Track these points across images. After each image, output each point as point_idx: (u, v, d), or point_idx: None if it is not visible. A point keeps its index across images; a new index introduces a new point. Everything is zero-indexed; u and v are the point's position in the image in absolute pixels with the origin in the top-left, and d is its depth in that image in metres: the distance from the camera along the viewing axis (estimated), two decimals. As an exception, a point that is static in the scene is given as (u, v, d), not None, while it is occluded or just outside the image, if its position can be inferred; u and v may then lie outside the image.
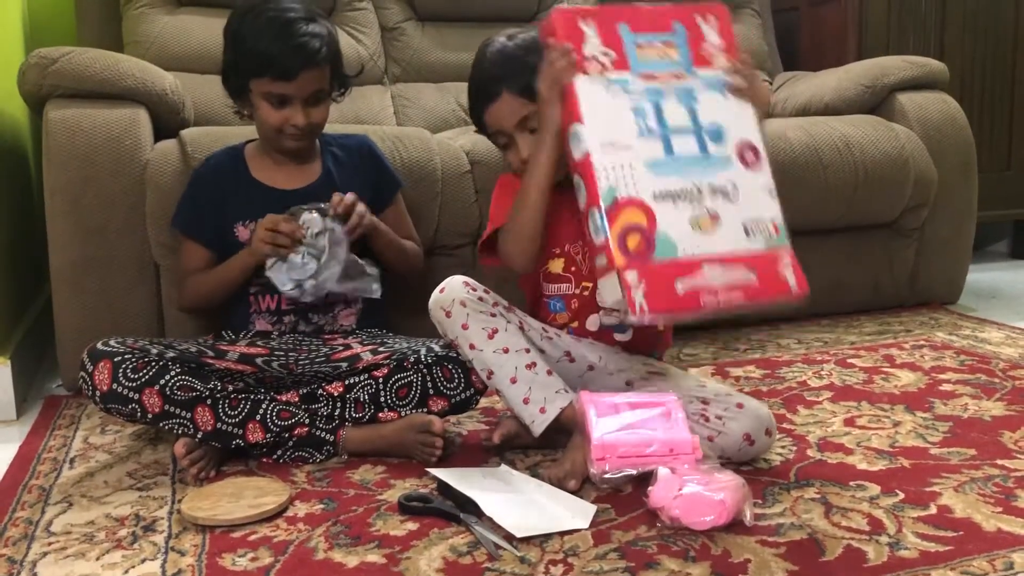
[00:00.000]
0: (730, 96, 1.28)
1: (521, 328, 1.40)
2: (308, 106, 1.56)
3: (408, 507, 1.19)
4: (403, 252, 1.68)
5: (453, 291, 1.39)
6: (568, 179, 1.42)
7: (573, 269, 1.46)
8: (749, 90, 1.29)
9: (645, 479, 1.23)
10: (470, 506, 1.17)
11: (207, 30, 2.38)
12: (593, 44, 1.22)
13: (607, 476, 1.23)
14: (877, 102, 2.39)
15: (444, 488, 1.22)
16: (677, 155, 1.23)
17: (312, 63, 1.52)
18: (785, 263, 1.25)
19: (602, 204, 1.18)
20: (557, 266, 1.47)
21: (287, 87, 1.53)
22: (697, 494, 1.15)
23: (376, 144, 1.77)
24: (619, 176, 1.19)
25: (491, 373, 1.37)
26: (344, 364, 1.47)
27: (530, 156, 1.35)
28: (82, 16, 2.44)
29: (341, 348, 1.52)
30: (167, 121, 1.91)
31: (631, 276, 1.16)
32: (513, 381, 1.36)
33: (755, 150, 1.28)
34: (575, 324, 1.47)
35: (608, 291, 1.20)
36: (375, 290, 1.55)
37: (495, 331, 1.37)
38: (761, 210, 1.26)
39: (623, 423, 1.26)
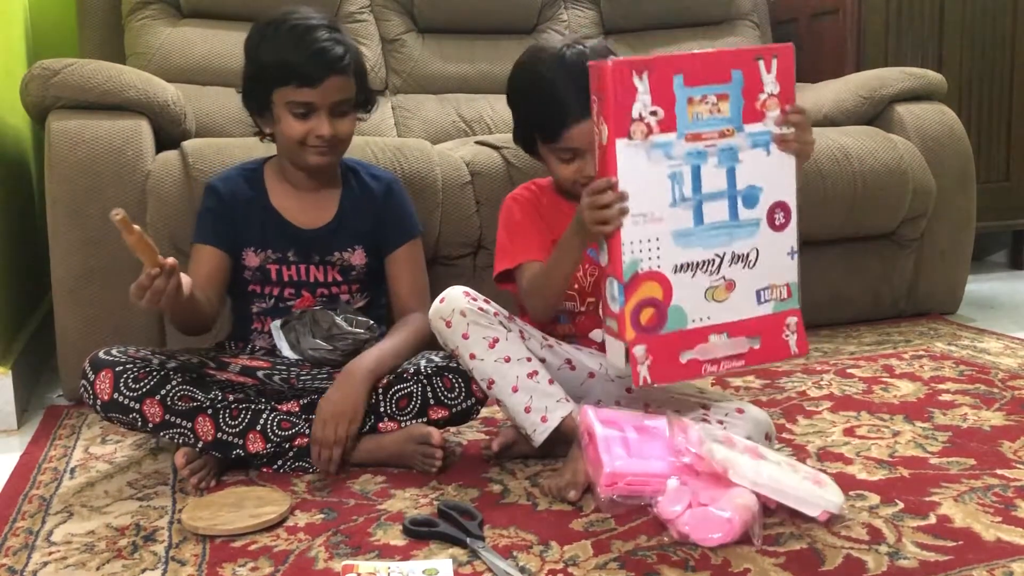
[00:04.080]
0: (775, 151, 1.23)
1: (521, 337, 1.40)
2: (333, 117, 1.49)
3: (413, 531, 1.19)
4: (413, 350, 1.52)
5: (453, 301, 1.39)
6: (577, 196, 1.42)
7: (577, 287, 1.46)
8: (795, 144, 1.24)
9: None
10: (475, 530, 1.17)
11: (209, 42, 2.40)
12: (643, 102, 1.15)
13: (614, 500, 1.23)
14: (875, 113, 2.40)
15: (445, 513, 1.22)
16: (706, 224, 1.21)
17: (336, 69, 1.47)
18: (789, 326, 1.27)
19: (623, 277, 1.17)
20: None
21: (311, 94, 1.47)
22: (706, 511, 1.15)
23: (403, 190, 1.67)
24: (644, 249, 1.18)
25: (492, 383, 1.38)
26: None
27: (561, 253, 1.32)
28: (84, 28, 2.45)
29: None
30: (169, 132, 1.92)
31: (639, 351, 1.19)
32: (514, 390, 1.36)
33: (787, 210, 1.26)
34: (579, 337, 1.48)
35: (615, 354, 1.22)
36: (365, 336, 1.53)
37: (496, 340, 1.37)
38: (777, 275, 1.26)
39: (632, 449, 1.26)
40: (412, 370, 1.46)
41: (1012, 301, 2.63)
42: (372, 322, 1.54)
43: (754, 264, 1.24)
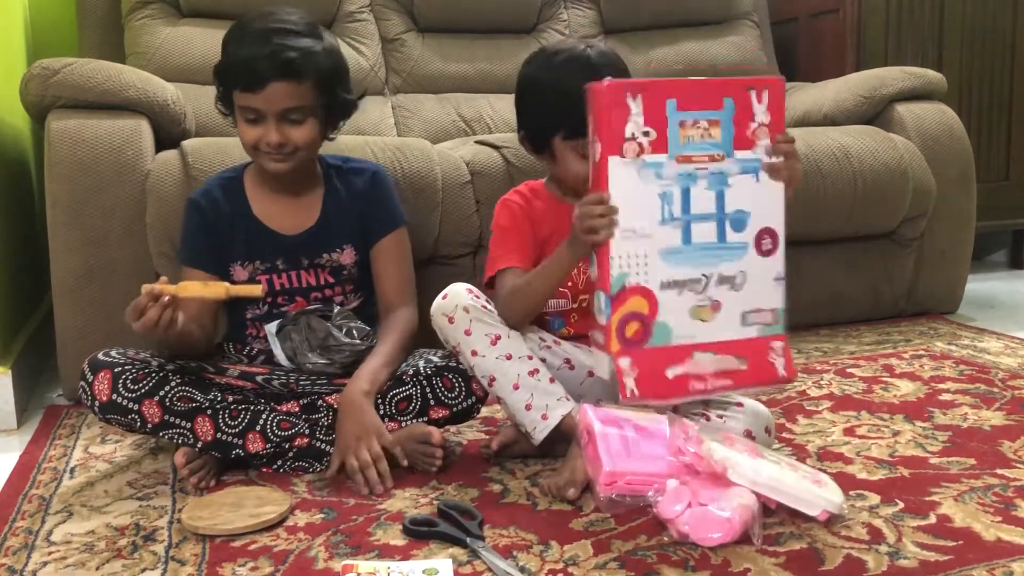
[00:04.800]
0: (764, 178, 1.26)
1: (522, 336, 1.40)
2: (284, 124, 1.43)
3: (413, 531, 1.19)
4: (404, 353, 1.51)
5: (456, 297, 1.39)
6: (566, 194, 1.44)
7: (569, 284, 1.46)
8: (784, 172, 1.26)
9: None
10: (475, 530, 1.17)
11: (209, 41, 2.39)
12: (636, 123, 1.19)
13: (613, 499, 1.23)
14: (875, 113, 2.40)
15: (445, 512, 1.22)
16: (694, 243, 1.24)
17: (282, 74, 1.40)
18: (776, 350, 1.29)
19: (611, 290, 1.20)
20: None
21: (255, 100, 1.41)
22: (705, 510, 1.14)
23: (386, 179, 1.63)
24: (632, 264, 1.21)
25: (493, 380, 1.38)
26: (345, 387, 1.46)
27: (552, 262, 1.34)
28: (84, 27, 2.45)
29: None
30: (168, 132, 1.92)
31: (624, 363, 1.21)
32: (515, 387, 1.36)
33: (774, 236, 1.28)
34: (578, 336, 1.48)
35: (601, 367, 1.25)
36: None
37: (498, 337, 1.37)
38: (764, 299, 1.28)
39: (631, 448, 1.26)
40: (411, 372, 1.46)
41: (1012, 301, 2.63)
42: (368, 328, 1.52)
43: (741, 287, 1.26)
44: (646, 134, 1.20)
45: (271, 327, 1.52)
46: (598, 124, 1.21)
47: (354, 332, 1.50)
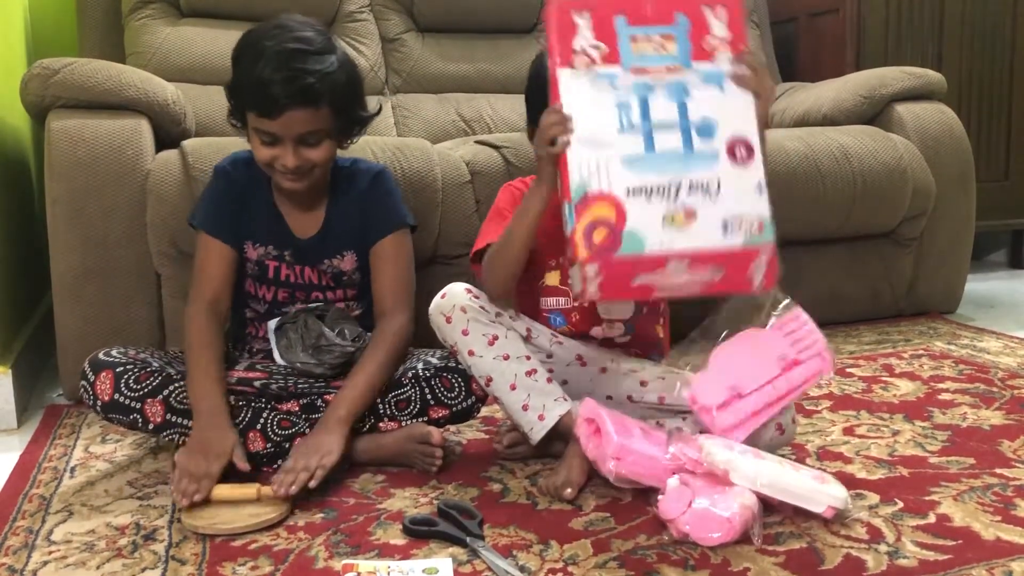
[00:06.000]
0: (730, 89, 1.23)
1: (528, 334, 1.41)
2: (302, 146, 1.41)
3: (413, 530, 1.19)
4: (392, 369, 1.47)
5: (454, 297, 1.39)
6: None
7: (570, 281, 1.46)
8: (753, 80, 1.24)
9: (647, 488, 1.24)
10: (475, 529, 1.18)
11: (209, 41, 2.40)
12: (585, 37, 1.20)
13: (623, 474, 1.23)
14: (875, 113, 2.40)
15: (445, 512, 1.22)
16: (658, 151, 1.21)
17: (300, 102, 1.37)
18: (759, 261, 1.23)
19: (572, 198, 1.18)
20: (554, 278, 1.48)
21: (272, 125, 1.38)
22: (706, 510, 1.15)
23: (388, 179, 1.60)
24: (592, 171, 1.19)
25: (490, 380, 1.38)
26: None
27: (523, 202, 1.33)
28: (84, 27, 2.45)
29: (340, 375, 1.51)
30: (169, 131, 1.92)
31: (590, 269, 1.17)
32: (512, 388, 1.36)
33: (748, 146, 1.23)
34: (578, 336, 1.48)
35: (575, 281, 1.21)
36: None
37: (495, 338, 1.37)
38: (746, 207, 1.22)
39: (634, 438, 1.26)
40: (410, 375, 1.46)
41: (1011, 300, 2.63)
42: (360, 329, 1.52)
43: (716, 194, 1.22)
44: (596, 48, 1.21)
45: (272, 323, 1.52)
46: (549, 41, 1.21)
47: (346, 332, 1.50)
